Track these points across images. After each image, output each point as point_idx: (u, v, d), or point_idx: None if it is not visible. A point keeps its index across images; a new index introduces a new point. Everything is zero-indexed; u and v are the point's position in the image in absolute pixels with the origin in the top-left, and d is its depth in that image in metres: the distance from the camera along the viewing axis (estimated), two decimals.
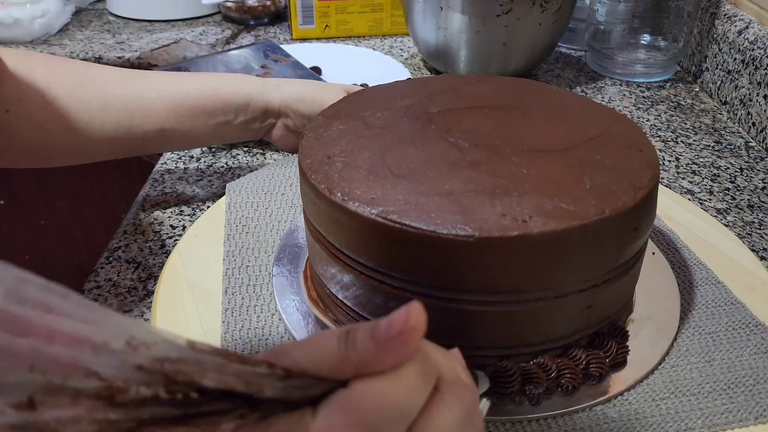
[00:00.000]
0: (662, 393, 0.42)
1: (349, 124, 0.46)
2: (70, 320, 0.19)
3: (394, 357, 0.24)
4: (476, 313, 0.39)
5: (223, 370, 0.21)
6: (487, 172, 0.40)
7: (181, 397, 0.21)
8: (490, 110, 0.48)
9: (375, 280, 0.40)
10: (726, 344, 0.45)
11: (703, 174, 0.72)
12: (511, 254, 0.36)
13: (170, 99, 0.59)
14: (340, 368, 0.24)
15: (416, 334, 0.24)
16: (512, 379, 0.40)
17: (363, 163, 0.41)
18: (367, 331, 0.24)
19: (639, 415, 0.40)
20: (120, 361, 0.19)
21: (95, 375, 0.19)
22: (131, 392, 0.20)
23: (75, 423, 0.19)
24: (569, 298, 0.39)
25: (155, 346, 0.20)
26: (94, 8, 1.26)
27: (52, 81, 0.55)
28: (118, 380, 0.20)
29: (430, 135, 0.45)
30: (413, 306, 0.24)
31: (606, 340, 0.43)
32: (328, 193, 0.39)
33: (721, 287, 0.50)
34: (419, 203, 0.38)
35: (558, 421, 0.40)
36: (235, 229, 0.55)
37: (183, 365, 0.20)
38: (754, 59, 0.80)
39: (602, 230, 0.38)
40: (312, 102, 0.63)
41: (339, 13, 1.07)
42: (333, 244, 0.41)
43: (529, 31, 0.84)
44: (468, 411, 0.27)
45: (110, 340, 0.19)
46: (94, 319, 0.19)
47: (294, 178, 0.61)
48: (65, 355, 0.19)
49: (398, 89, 0.52)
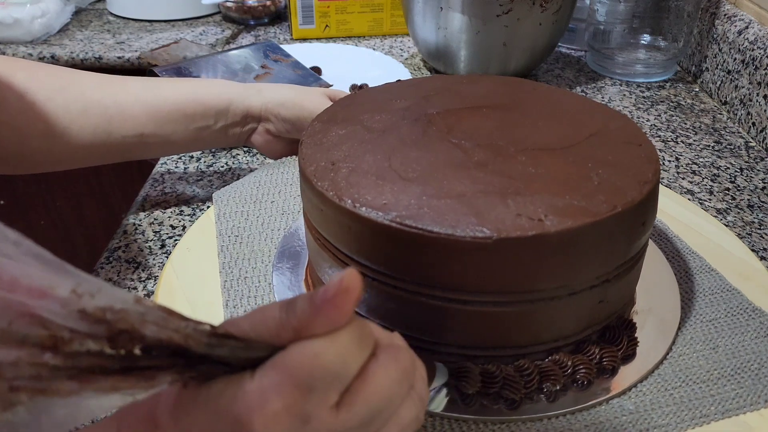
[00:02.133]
0: (674, 382, 0.42)
1: (349, 128, 0.46)
2: (20, 266, 0.19)
3: (329, 319, 0.25)
4: (492, 314, 0.39)
5: (165, 323, 0.22)
6: (495, 172, 0.41)
7: (123, 353, 0.21)
8: (488, 110, 0.48)
9: (388, 285, 0.40)
10: (728, 330, 0.46)
11: (703, 174, 0.72)
12: (529, 254, 0.37)
13: (150, 103, 0.59)
14: (280, 333, 0.25)
15: (350, 295, 0.25)
16: (531, 377, 0.40)
17: (369, 167, 0.41)
18: (307, 297, 0.25)
19: (654, 405, 0.41)
20: (64, 307, 0.20)
21: (41, 322, 0.20)
22: (74, 344, 0.20)
23: (14, 366, 0.20)
24: (582, 295, 0.40)
25: (99, 295, 0.20)
26: (94, 8, 1.26)
27: (32, 86, 0.55)
28: (64, 331, 0.20)
29: (433, 137, 0.45)
30: (348, 270, 0.25)
31: (617, 334, 0.43)
32: (337, 200, 0.39)
33: (715, 275, 0.51)
34: (432, 206, 0.38)
35: (577, 417, 0.40)
36: (228, 240, 0.55)
37: (125, 314, 0.21)
38: (754, 59, 0.80)
39: (614, 226, 0.38)
40: (293, 106, 0.63)
41: (339, 13, 1.07)
42: (341, 250, 0.41)
43: (529, 31, 0.84)
44: (405, 372, 0.28)
45: (56, 286, 0.20)
46: (44, 267, 0.20)
47: (282, 185, 0.61)
48: (12, 299, 0.19)
49: (392, 92, 0.52)
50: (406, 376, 0.28)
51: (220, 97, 0.61)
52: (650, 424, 0.39)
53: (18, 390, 0.20)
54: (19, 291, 0.19)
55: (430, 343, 0.41)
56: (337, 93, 0.67)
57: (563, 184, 0.40)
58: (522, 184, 0.39)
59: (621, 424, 0.40)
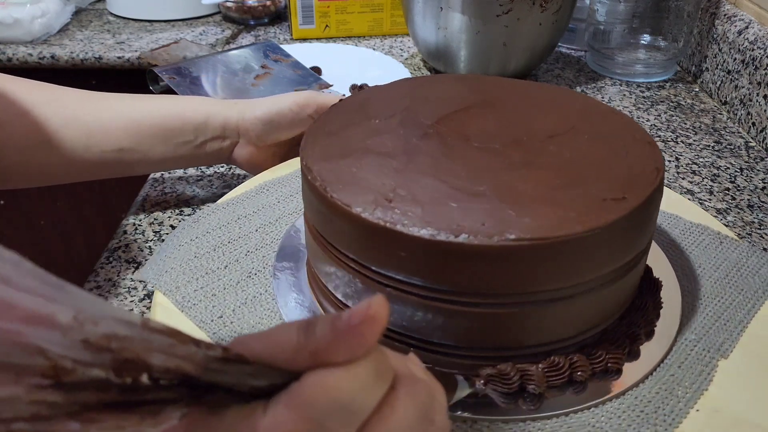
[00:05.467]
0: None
1: (355, 157, 0.43)
2: (18, 292, 0.18)
3: (350, 348, 0.23)
4: (532, 313, 0.39)
5: (173, 350, 0.20)
6: (542, 166, 0.42)
7: (130, 382, 0.20)
8: (477, 109, 0.48)
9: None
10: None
11: (703, 174, 0.72)
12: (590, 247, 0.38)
13: (129, 119, 0.58)
14: (295, 357, 0.24)
15: (376, 325, 0.23)
16: (562, 372, 0.40)
17: (419, 192, 0.39)
18: (328, 321, 0.24)
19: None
20: (66, 335, 0.18)
21: (40, 352, 0.18)
22: (78, 373, 0.19)
23: (11, 403, 0.18)
24: (613, 284, 0.41)
25: (103, 322, 0.19)
26: (94, 8, 1.26)
27: (12, 100, 0.54)
28: (66, 360, 0.19)
29: (456, 146, 0.44)
30: (376, 297, 0.23)
31: (645, 308, 0.44)
32: (383, 223, 0.37)
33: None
34: (504, 218, 0.37)
35: (626, 398, 0.41)
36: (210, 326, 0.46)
37: (130, 342, 0.19)
38: (754, 59, 0.80)
39: (643, 213, 0.40)
40: (267, 103, 0.62)
41: (339, 13, 1.07)
42: (380, 271, 0.39)
43: (529, 31, 0.84)
44: (425, 408, 0.26)
45: (57, 312, 0.18)
46: (43, 290, 0.18)
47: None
48: (10, 329, 0.18)
49: (366, 111, 0.48)
50: (426, 412, 0.26)
51: (198, 112, 0.61)
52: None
53: None
54: (15, 319, 0.18)
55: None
56: (314, 97, 0.64)
57: (606, 172, 0.41)
58: (572, 176, 0.41)
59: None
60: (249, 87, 0.81)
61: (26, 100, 0.55)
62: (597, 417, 0.40)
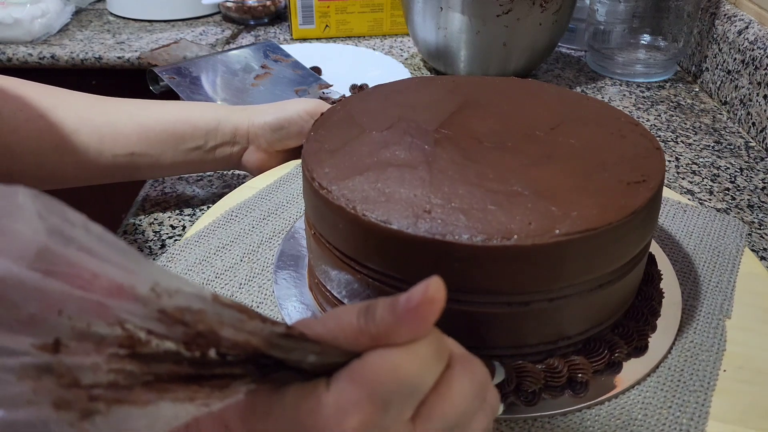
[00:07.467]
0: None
1: (374, 172, 0.41)
2: (102, 263, 0.19)
3: (411, 329, 0.24)
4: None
5: (242, 325, 0.21)
6: (561, 158, 0.42)
7: (199, 356, 0.21)
8: (469, 110, 0.48)
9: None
10: None
11: (703, 174, 0.72)
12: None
13: (141, 123, 0.59)
14: (357, 340, 0.25)
15: (435, 306, 0.24)
16: (603, 357, 0.41)
17: (455, 199, 0.39)
18: (387, 304, 0.25)
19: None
20: (143, 307, 0.19)
21: (119, 323, 0.19)
22: (152, 345, 0.20)
23: (93, 370, 0.19)
24: (618, 280, 0.41)
25: (177, 295, 0.20)
26: (94, 8, 1.26)
27: (24, 106, 0.54)
28: (141, 332, 0.20)
29: (470, 148, 0.43)
30: (432, 279, 0.24)
31: (651, 299, 0.45)
32: (430, 236, 0.36)
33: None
34: (532, 218, 0.37)
35: (661, 371, 0.42)
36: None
37: (203, 316, 0.20)
38: (754, 59, 0.80)
39: (651, 209, 0.40)
40: (276, 110, 0.63)
41: (339, 13, 1.07)
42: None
43: (529, 31, 0.84)
44: (480, 386, 0.28)
45: (136, 284, 0.19)
46: (124, 263, 0.19)
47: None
48: (93, 299, 0.19)
49: (357, 124, 0.47)
50: (481, 390, 0.28)
51: (208, 118, 0.61)
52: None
53: (97, 399, 0.19)
54: (97, 289, 0.19)
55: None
56: (323, 105, 0.65)
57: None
58: (592, 170, 0.41)
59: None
60: (249, 87, 0.81)
61: (39, 104, 0.56)
62: (643, 394, 0.41)
